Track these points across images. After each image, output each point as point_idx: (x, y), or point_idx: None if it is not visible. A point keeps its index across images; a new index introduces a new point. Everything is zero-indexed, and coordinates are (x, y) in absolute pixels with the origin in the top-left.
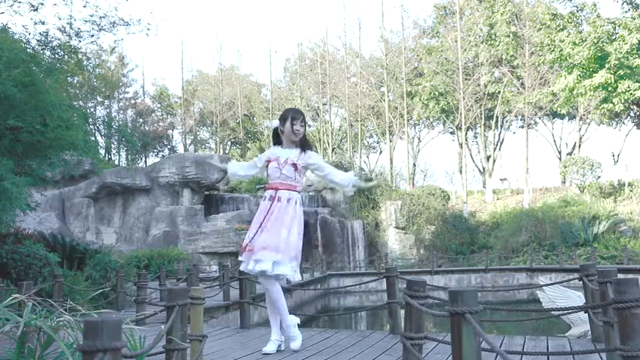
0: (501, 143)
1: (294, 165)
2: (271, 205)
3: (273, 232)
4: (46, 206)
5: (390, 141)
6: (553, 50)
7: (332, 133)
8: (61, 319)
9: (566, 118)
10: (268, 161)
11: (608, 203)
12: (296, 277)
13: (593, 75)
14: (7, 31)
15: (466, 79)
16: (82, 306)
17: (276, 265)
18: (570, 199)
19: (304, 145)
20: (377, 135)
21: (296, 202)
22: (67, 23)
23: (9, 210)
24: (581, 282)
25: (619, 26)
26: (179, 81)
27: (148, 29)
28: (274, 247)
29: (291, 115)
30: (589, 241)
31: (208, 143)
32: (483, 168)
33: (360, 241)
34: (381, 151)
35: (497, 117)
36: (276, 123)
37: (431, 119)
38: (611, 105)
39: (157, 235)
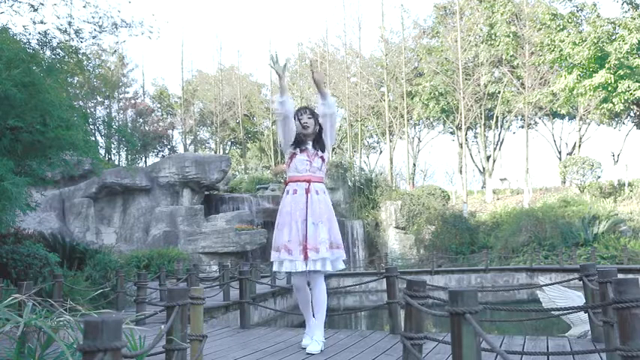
0: (501, 143)
1: (322, 158)
2: (308, 197)
3: (328, 227)
4: (46, 206)
5: (390, 141)
6: (553, 50)
7: None
8: (61, 319)
9: (566, 118)
10: (294, 153)
11: (608, 203)
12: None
13: (593, 75)
14: (7, 31)
15: (466, 79)
16: (82, 306)
17: (337, 260)
18: (570, 199)
19: (321, 141)
20: (377, 135)
21: (325, 192)
22: (68, 22)
23: (9, 210)
24: (581, 282)
25: (619, 26)
26: (179, 81)
27: (150, 32)
28: (336, 242)
29: (296, 112)
30: (589, 241)
31: (208, 143)
32: (483, 168)
33: (360, 241)
34: (381, 151)
35: (497, 117)
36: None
37: (431, 119)
38: (611, 105)
39: (157, 235)
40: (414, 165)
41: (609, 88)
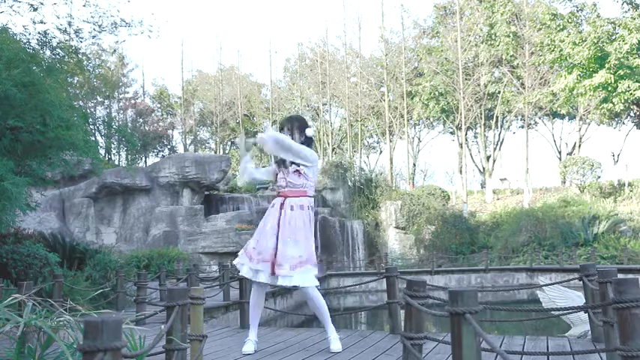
0: (501, 143)
1: (297, 171)
2: (281, 213)
3: (299, 244)
4: (46, 206)
5: (390, 141)
6: (553, 50)
7: (332, 133)
8: (61, 319)
9: (566, 118)
10: (278, 169)
11: (608, 203)
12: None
13: (593, 75)
14: (7, 31)
15: (466, 79)
16: (82, 306)
17: (305, 276)
18: (570, 199)
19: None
20: (377, 135)
21: (308, 207)
22: (67, 22)
23: (9, 210)
24: (581, 282)
25: (619, 26)
26: (179, 81)
27: (150, 31)
28: (307, 259)
29: (281, 124)
30: (589, 241)
31: (208, 143)
32: (483, 168)
33: (360, 241)
34: (381, 151)
35: (497, 117)
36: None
37: (431, 119)
38: (611, 105)
39: (157, 235)
40: (414, 165)
41: (609, 88)
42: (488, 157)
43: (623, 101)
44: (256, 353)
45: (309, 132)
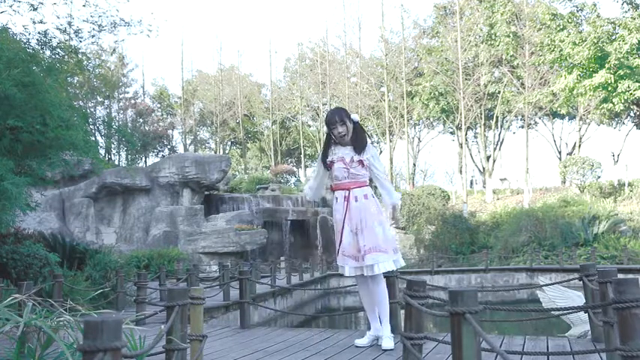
0: (501, 143)
1: (360, 162)
2: (347, 205)
3: (367, 233)
4: (46, 206)
5: (390, 141)
6: (553, 50)
7: None
8: (61, 319)
9: (566, 118)
10: (332, 162)
11: (608, 203)
12: (399, 265)
13: (593, 75)
14: (7, 31)
15: (466, 79)
16: (82, 306)
17: (380, 263)
18: (570, 199)
19: (359, 140)
20: (377, 135)
21: (372, 195)
22: (67, 22)
23: (9, 210)
24: (581, 282)
25: (619, 26)
26: (179, 81)
27: (149, 30)
28: (375, 246)
29: (327, 123)
30: (589, 241)
31: (208, 143)
32: (483, 168)
33: None
34: (381, 151)
35: (497, 117)
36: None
37: (431, 119)
38: (611, 105)
39: (157, 235)
40: (414, 165)
41: (609, 88)
42: (488, 157)
43: (623, 101)
44: (256, 353)
45: (355, 117)
